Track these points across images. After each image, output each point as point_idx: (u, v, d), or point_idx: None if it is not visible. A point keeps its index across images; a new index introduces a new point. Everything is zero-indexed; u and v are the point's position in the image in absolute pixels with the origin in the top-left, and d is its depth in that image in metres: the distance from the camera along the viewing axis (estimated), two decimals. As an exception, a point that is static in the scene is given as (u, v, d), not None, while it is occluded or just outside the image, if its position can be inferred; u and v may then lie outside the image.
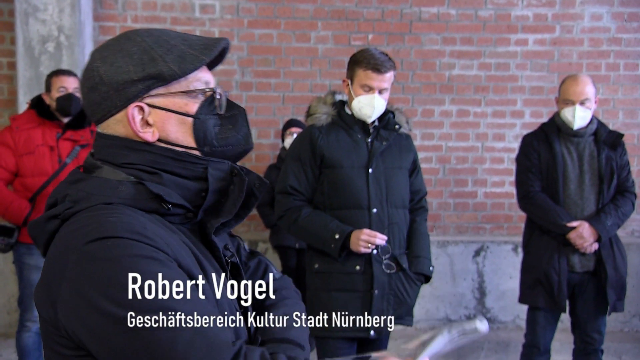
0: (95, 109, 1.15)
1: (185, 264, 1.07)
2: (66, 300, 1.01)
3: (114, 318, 0.98)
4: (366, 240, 2.64)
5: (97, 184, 1.11)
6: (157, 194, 1.09)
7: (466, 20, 4.94)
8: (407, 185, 2.89)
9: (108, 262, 0.99)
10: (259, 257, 1.45)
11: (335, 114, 2.83)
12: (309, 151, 2.79)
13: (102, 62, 1.13)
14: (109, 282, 0.98)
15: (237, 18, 4.81)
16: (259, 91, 4.86)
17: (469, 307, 4.74)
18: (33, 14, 4.35)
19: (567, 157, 3.28)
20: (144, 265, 1.00)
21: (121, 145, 1.14)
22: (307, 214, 2.76)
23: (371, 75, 2.70)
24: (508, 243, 4.78)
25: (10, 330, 4.32)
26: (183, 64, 1.13)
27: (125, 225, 1.02)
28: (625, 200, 3.28)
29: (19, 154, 3.55)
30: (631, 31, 4.99)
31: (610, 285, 3.23)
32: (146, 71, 1.12)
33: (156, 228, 1.07)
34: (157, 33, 1.17)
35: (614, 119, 4.96)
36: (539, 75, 4.99)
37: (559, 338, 3.65)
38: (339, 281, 2.72)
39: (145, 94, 1.13)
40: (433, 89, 4.96)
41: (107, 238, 1.00)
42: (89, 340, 1.01)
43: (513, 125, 5.01)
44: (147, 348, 0.98)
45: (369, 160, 2.77)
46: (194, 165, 1.15)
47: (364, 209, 2.74)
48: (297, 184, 2.80)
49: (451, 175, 5.00)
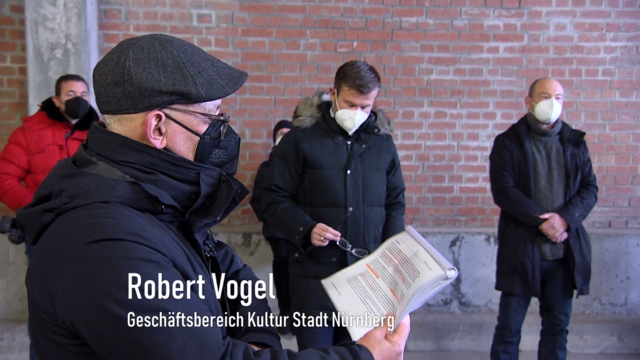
0: (111, 100, 1.11)
1: (180, 264, 1.07)
2: (66, 296, 0.99)
3: (114, 317, 0.96)
4: (318, 234, 2.62)
5: (94, 181, 1.08)
6: (153, 196, 1.08)
7: (443, 29, 4.97)
8: (384, 184, 2.87)
9: (110, 263, 0.97)
10: (226, 248, 1.43)
11: (320, 117, 2.80)
12: (293, 151, 2.78)
13: (136, 63, 1.10)
14: (110, 282, 0.97)
15: (232, 27, 4.81)
16: (252, 94, 4.86)
17: (446, 293, 4.77)
18: (42, 23, 4.32)
19: (537, 155, 3.32)
20: (144, 267, 0.98)
21: (122, 143, 1.12)
22: (283, 207, 2.76)
23: (355, 94, 2.65)
24: (481, 234, 4.82)
25: (22, 316, 4.30)
26: (210, 91, 1.13)
27: (125, 227, 1.01)
28: (589, 193, 3.33)
29: (30, 152, 3.54)
30: (592, 40, 5.04)
31: (578, 271, 3.28)
32: (176, 87, 1.10)
33: (153, 229, 1.06)
34: (190, 50, 1.15)
35: (577, 120, 5.01)
36: (509, 80, 5.03)
37: (528, 320, 3.69)
38: (316, 270, 2.71)
39: (167, 106, 1.12)
40: (413, 93, 4.98)
41: (108, 240, 0.99)
42: (88, 336, 0.99)
43: (486, 125, 5.04)
44: (143, 347, 0.97)
45: (348, 161, 2.76)
46: (188, 170, 1.14)
47: (340, 207, 2.73)
48: (281, 181, 2.79)
49: (429, 171, 5.03)
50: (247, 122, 4.86)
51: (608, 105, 5.09)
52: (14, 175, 3.53)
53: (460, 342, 4.52)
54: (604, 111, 5.09)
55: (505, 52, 5.01)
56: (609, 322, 4.63)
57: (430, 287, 1.19)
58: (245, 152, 4.85)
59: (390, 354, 1.17)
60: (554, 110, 3.25)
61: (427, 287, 1.18)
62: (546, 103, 3.26)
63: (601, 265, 4.75)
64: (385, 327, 1.20)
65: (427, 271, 1.20)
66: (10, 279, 4.42)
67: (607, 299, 4.81)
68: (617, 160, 5.13)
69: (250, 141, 4.85)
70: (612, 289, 4.80)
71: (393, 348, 1.17)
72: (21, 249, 4.11)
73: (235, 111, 4.83)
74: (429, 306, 4.77)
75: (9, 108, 4.59)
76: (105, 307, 0.96)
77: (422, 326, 4.52)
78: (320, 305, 2.66)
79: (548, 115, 3.26)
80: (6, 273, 4.42)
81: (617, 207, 5.14)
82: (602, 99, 5.08)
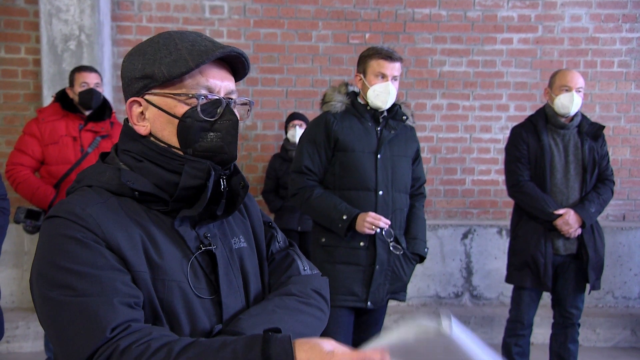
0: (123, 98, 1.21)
1: (116, 245, 1.06)
2: None
3: (36, 289, 1.04)
4: (371, 223, 2.65)
5: (94, 169, 1.18)
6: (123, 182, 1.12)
7: (456, 21, 4.93)
8: (410, 172, 2.90)
9: (44, 238, 1.07)
10: (288, 251, 1.36)
11: (349, 103, 2.83)
12: (324, 134, 2.79)
13: (127, 57, 1.18)
14: (39, 255, 1.06)
15: (244, 18, 4.80)
16: (264, 86, 4.86)
17: (457, 285, 4.76)
18: (56, 14, 4.34)
19: (554, 148, 3.27)
20: (66, 243, 1.04)
21: (124, 132, 1.19)
22: (318, 194, 2.76)
23: (383, 63, 2.71)
24: (493, 226, 4.79)
25: (36, 305, 4.35)
26: (172, 68, 1.11)
27: (68, 206, 1.08)
28: (605, 188, 3.28)
29: (44, 143, 3.55)
30: (607, 31, 4.98)
31: (591, 267, 3.24)
32: (145, 70, 1.13)
33: (98, 209, 1.08)
34: (178, 35, 1.16)
35: (591, 112, 4.96)
36: (523, 72, 4.98)
37: (539, 313, 3.68)
38: (343, 255, 2.74)
39: (146, 91, 1.15)
40: (425, 84, 4.95)
41: (52, 217, 1.08)
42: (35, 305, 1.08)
43: (499, 118, 5.01)
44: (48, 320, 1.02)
45: (378, 146, 2.78)
46: (172, 160, 1.14)
47: (371, 191, 2.76)
48: (311, 164, 2.80)
49: (442, 164, 5.01)
50: (259, 113, 4.85)
51: (623, 97, 5.03)
52: (28, 166, 3.55)
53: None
54: (619, 103, 5.04)
55: (519, 43, 4.96)
56: (622, 315, 4.59)
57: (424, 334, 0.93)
58: (257, 144, 4.85)
59: (322, 355, 0.93)
60: (574, 104, 3.18)
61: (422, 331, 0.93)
62: (567, 96, 3.19)
63: (615, 259, 4.71)
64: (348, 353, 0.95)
65: None
66: (25, 269, 4.46)
67: (621, 293, 4.77)
68: (632, 152, 5.07)
69: (262, 133, 4.85)
70: (625, 283, 4.76)
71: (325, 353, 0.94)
72: (35, 239, 4.14)
73: (248, 103, 4.83)
74: (440, 298, 4.76)
75: (23, 99, 4.62)
76: (33, 279, 1.05)
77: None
78: (348, 290, 2.72)
79: (568, 109, 3.20)
80: (21, 262, 4.46)
81: (631, 200, 5.09)
82: (618, 90, 5.02)
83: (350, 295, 2.73)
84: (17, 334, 4.18)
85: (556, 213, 3.18)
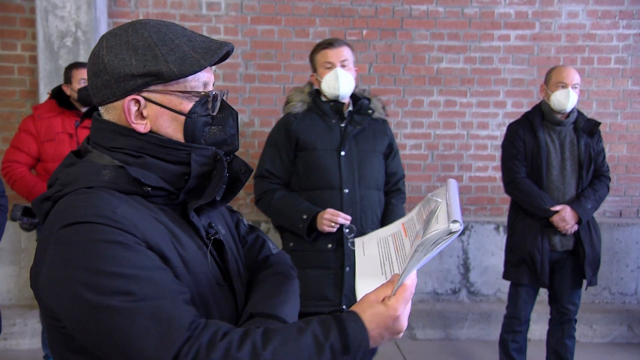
0: (96, 92, 1.13)
1: (156, 244, 1.05)
2: (44, 281, 1.01)
3: (80, 300, 0.95)
4: (329, 219, 2.57)
5: (84, 168, 1.11)
6: (135, 178, 1.08)
7: (453, 17, 4.92)
8: (382, 168, 2.81)
9: (76, 246, 0.98)
10: (257, 233, 1.43)
11: (311, 101, 2.78)
12: (284, 136, 2.74)
13: (108, 51, 1.10)
14: (77, 265, 0.97)
15: (241, 15, 4.78)
16: (261, 83, 4.85)
17: (455, 282, 4.77)
18: (52, 11, 4.32)
19: (550, 145, 3.27)
20: (109, 249, 0.97)
21: (111, 129, 1.12)
22: (279, 196, 2.70)
23: (326, 52, 2.69)
24: (491, 223, 4.79)
25: (34, 302, 4.33)
26: (183, 67, 1.10)
27: (94, 210, 1.00)
28: (601, 184, 3.29)
29: (40, 140, 3.54)
30: (604, 27, 4.97)
31: (588, 263, 3.25)
32: (147, 68, 1.08)
33: (127, 210, 1.04)
34: (165, 29, 1.12)
35: (588, 109, 4.96)
36: (520, 69, 4.98)
37: (536, 309, 3.68)
38: (312, 259, 2.66)
39: (144, 89, 1.10)
40: (422, 81, 4.95)
41: (77, 223, 0.99)
42: (63, 318, 1.00)
43: (496, 114, 5.00)
44: (106, 330, 0.95)
45: (342, 142, 2.70)
46: (177, 151, 1.12)
47: (335, 189, 2.67)
48: (272, 167, 2.74)
49: (439, 160, 5.00)
50: (256, 110, 4.84)
51: (620, 94, 5.04)
52: (24, 163, 3.54)
53: (468, 331, 4.52)
54: (616, 100, 5.04)
55: (516, 40, 4.95)
56: (619, 311, 4.60)
57: (432, 244, 1.01)
58: (254, 141, 4.84)
59: (385, 318, 1.02)
60: (570, 100, 3.18)
61: (429, 243, 1.01)
62: (562, 93, 3.19)
63: (611, 255, 4.72)
64: (384, 289, 1.05)
65: (434, 226, 1.05)
66: (22, 266, 4.45)
67: (617, 289, 4.78)
68: (629, 149, 5.07)
69: (259, 129, 4.84)
70: (622, 279, 4.77)
71: (388, 312, 1.02)
72: (32, 237, 4.13)
73: (245, 99, 4.82)
74: (437, 295, 4.77)
75: (19, 96, 4.61)
76: (74, 291, 0.96)
77: (430, 315, 4.52)
78: (320, 295, 2.64)
79: (564, 106, 3.20)
80: (18, 260, 4.45)
81: (628, 196, 5.10)
82: (614, 87, 5.02)
83: (322, 301, 2.65)
84: (14, 331, 4.17)
85: (552, 210, 3.18)
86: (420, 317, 4.51)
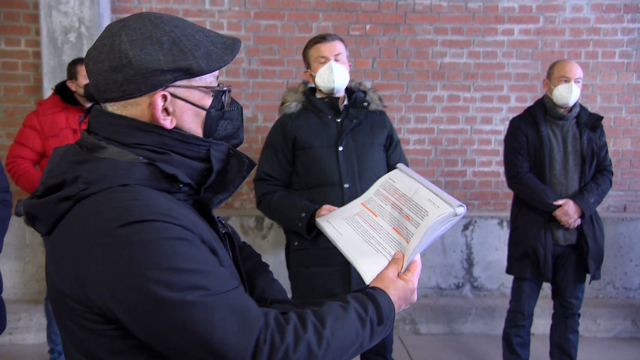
0: (113, 87, 1.07)
1: (207, 240, 1.06)
2: (100, 282, 0.97)
3: (154, 299, 0.94)
4: None
5: (110, 165, 1.05)
6: (171, 174, 1.07)
7: (457, 12, 4.90)
8: (382, 160, 2.78)
9: (143, 245, 0.96)
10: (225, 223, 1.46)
11: (305, 100, 2.77)
12: (280, 137, 2.73)
13: (132, 45, 1.06)
14: (147, 264, 0.95)
15: (244, 10, 4.78)
16: (265, 78, 4.84)
17: (458, 277, 4.76)
18: (56, 6, 4.32)
19: (553, 139, 3.26)
20: (177, 246, 0.97)
21: (130, 125, 1.08)
22: (278, 197, 2.69)
23: (319, 47, 2.68)
24: (494, 218, 4.79)
25: (39, 297, 4.36)
26: (210, 62, 1.10)
27: (153, 208, 0.99)
28: (604, 178, 3.28)
29: (44, 136, 3.55)
30: (609, 21, 4.95)
31: (591, 257, 3.25)
32: (176, 63, 1.07)
33: (178, 207, 1.04)
34: (181, 24, 1.12)
35: (592, 103, 4.94)
36: (524, 63, 4.96)
37: (540, 304, 3.68)
38: (317, 257, 2.65)
39: (170, 84, 1.08)
40: (426, 76, 4.93)
41: (140, 222, 0.97)
42: (128, 320, 0.98)
43: (500, 109, 4.99)
44: (187, 327, 0.95)
45: (338, 138, 2.68)
46: (199, 147, 1.13)
47: (335, 185, 2.65)
48: (270, 169, 2.73)
49: (442, 155, 5.00)
50: (260, 105, 4.84)
51: (625, 88, 5.02)
52: (28, 159, 3.55)
53: (472, 325, 4.52)
54: (620, 94, 5.02)
55: (520, 34, 4.93)
56: (623, 306, 4.59)
57: (442, 225, 1.20)
58: (257, 136, 4.84)
59: (405, 291, 1.20)
60: (572, 94, 3.18)
61: (439, 225, 1.20)
62: (565, 87, 3.18)
63: (616, 250, 4.71)
64: (396, 266, 1.22)
65: (435, 209, 1.21)
66: (26, 261, 4.47)
67: (621, 283, 4.77)
68: (633, 143, 5.06)
69: (262, 125, 4.84)
70: (626, 273, 4.76)
71: (407, 286, 1.20)
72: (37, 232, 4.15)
73: (248, 95, 4.82)
74: (441, 290, 4.77)
75: (24, 92, 4.61)
76: (144, 289, 0.94)
77: (434, 310, 4.52)
78: (327, 292, 2.63)
79: (566, 100, 3.19)
80: (23, 255, 4.47)
81: (632, 191, 5.08)
82: (619, 81, 5.00)
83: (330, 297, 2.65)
84: (19, 326, 4.19)
85: (555, 204, 3.18)
86: (424, 311, 4.51)
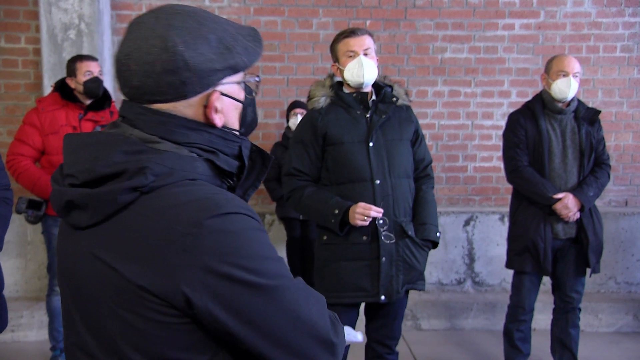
0: (166, 89, 1.04)
1: None
2: (190, 273, 0.96)
3: (249, 286, 0.97)
4: (361, 213, 2.56)
5: (175, 159, 1.04)
6: (229, 171, 1.11)
7: (457, 7, 4.89)
8: (410, 156, 2.78)
9: (235, 235, 0.98)
10: None
11: (333, 95, 2.75)
12: (310, 132, 2.72)
13: (186, 47, 1.03)
14: (241, 253, 0.98)
15: (244, 6, 4.77)
16: (265, 74, 4.84)
17: (459, 272, 4.76)
18: (56, 3, 4.32)
19: (552, 133, 3.26)
20: (261, 236, 1.02)
21: (180, 124, 1.06)
22: (309, 192, 2.69)
23: (348, 41, 2.67)
24: (495, 213, 4.78)
25: (41, 294, 4.36)
26: (249, 57, 1.11)
27: (235, 201, 1.02)
28: (602, 172, 3.29)
29: (44, 133, 3.54)
30: (610, 16, 4.93)
31: (591, 250, 3.25)
32: (227, 62, 1.07)
33: None
34: (215, 18, 1.11)
35: (594, 97, 4.93)
36: (525, 58, 4.95)
37: (541, 299, 3.68)
38: (346, 251, 2.66)
39: (219, 82, 1.08)
40: (427, 71, 4.93)
41: (228, 214, 0.99)
42: (218, 308, 0.97)
43: (500, 104, 4.98)
44: (282, 311, 1.00)
45: (369, 133, 2.68)
46: (234, 144, 1.13)
47: (367, 181, 2.65)
48: (301, 165, 2.73)
49: (443, 151, 4.99)
50: (260, 102, 4.83)
51: (626, 82, 5.00)
52: (28, 156, 3.55)
53: (473, 321, 4.52)
54: (621, 88, 5.00)
55: (521, 29, 4.92)
56: (625, 300, 4.59)
57: None
58: (258, 133, 4.84)
59: None
60: (571, 89, 3.18)
61: None
62: (563, 81, 3.19)
63: (617, 244, 4.70)
64: None
65: None
66: (28, 258, 4.48)
67: (623, 278, 4.77)
68: (635, 138, 5.04)
69: (263, 121, 4.84)
70: (627, 268, 4.75)
71: None
72: (38, 229, 4.15)
73: (248, 91, 4.81)
74: (442, 285, 4.76)
75: (24, 89, 4.62)
76: (238, 276, 0.97)
77: (435, 305, 4.52)
78: (356, 286, 2.66)
79: (565, 94, 3.20)
80: (24, 252, 4.48)
81: (634, 185, 5.07)
82: (620, 76, 4.99)
83: (359, 291, 2.66)
84: (21, 323, 4.20)
85: (555, 197, 3.18)
86: (426, 307, 4.51)
